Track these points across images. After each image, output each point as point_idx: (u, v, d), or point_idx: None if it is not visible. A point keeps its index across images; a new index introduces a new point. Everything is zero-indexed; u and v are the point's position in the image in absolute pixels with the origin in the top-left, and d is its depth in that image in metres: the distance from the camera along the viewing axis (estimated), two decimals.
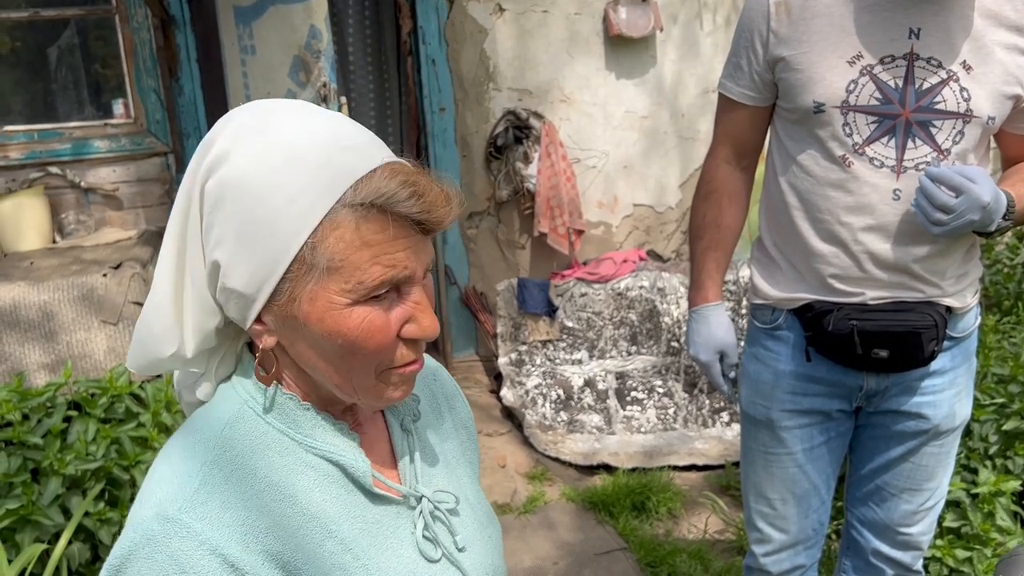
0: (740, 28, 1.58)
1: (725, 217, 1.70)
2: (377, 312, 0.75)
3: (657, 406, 3.68)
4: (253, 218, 0.73)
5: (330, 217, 0.73)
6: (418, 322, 0.77)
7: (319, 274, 0.74)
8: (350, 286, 0.74)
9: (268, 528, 0.75)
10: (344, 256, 0.73)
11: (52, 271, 3.01)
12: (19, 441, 2.34)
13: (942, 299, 1.55)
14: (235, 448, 0.78)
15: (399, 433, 0.90)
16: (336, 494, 0.81)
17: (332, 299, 0.74)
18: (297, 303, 0.75)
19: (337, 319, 0.75)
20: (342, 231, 0.73)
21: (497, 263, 4.11)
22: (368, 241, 0.73)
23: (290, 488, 0.79)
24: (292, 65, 3.18)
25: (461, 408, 1.04)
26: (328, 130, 0.75)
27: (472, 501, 0.96)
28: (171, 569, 0.70)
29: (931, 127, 1.46)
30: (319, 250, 0.73)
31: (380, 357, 0.77)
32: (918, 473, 1.68)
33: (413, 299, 0.77)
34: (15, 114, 3.66)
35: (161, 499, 0.74)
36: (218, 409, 0.82)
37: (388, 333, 0.76)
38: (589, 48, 3.98)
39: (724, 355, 1.73)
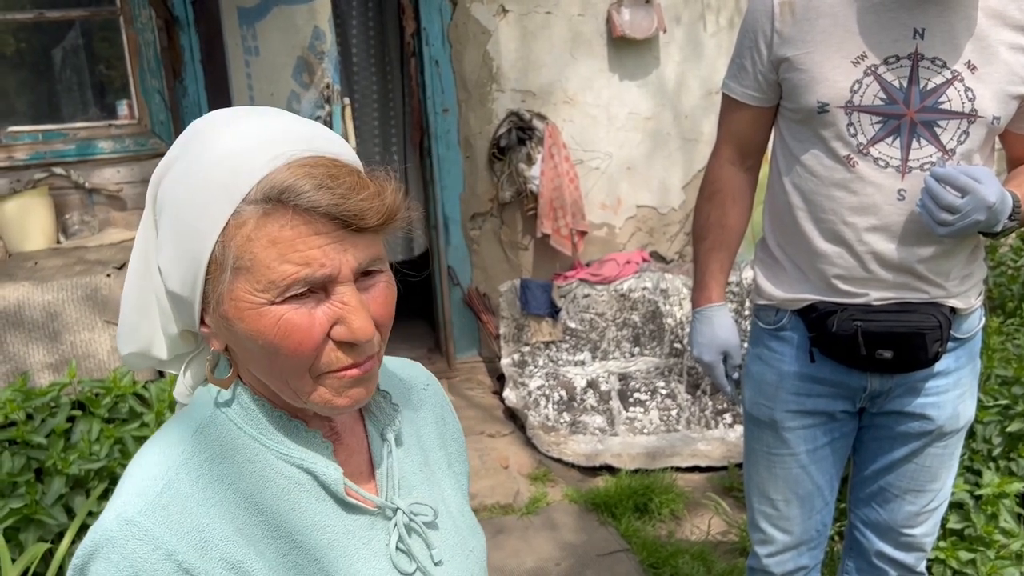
0: (744, 29, 1.58)
1: (729, 218, 1.70)
2: (297, 312, 0.73)
3: (660, 407, 3.68)
4: (180, 223, 0.74)
5: (236, 216, 0.72)
6: (347, 324, 0.74)
7: (231, 274, 0.73)
8: (262, 286, 0.72)
9: (229, 536, 0.74)
10: (251, 255, 0.72)
11: (56, 271, 3.02)
12: (23, 441, 2.35)
13: (946, 300, 1.55)
14: (204, 453, 0.78)
15: (378, 443, 0.89)
16: (305, 503, 0.80)
17: (248, 299, 0.73)
18: (223, 304, 0.74)
19: (254, 319, 0.73)
20: (246, 229, 0.71)
21: (500, 264, 4.12)
22: (275, 239, 0.71)
23: (257, 496, 0.78)
24: (296, 66, 3.18)
25: (450, 421, 1.02)
26: (254, 131, 0.74)
27: (455, 514, 0.94)
28: (125, 570, 0.70)
29: (936, 127, 1.46)
30: (228, 250, 0.72)
31: (303, 359, 0.74)
32: (922, 474, 1.68)
33: (341, 299, 0.74)
34: (20, 115, 3.67)
35: (124, 501, 0.73)
36: (193, 413, 0.81)
37: (309, 334, 0.73)
38: (592, 49, 3.98)
39: (727, 356, 1.73)
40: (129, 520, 0.72)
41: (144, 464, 0.77)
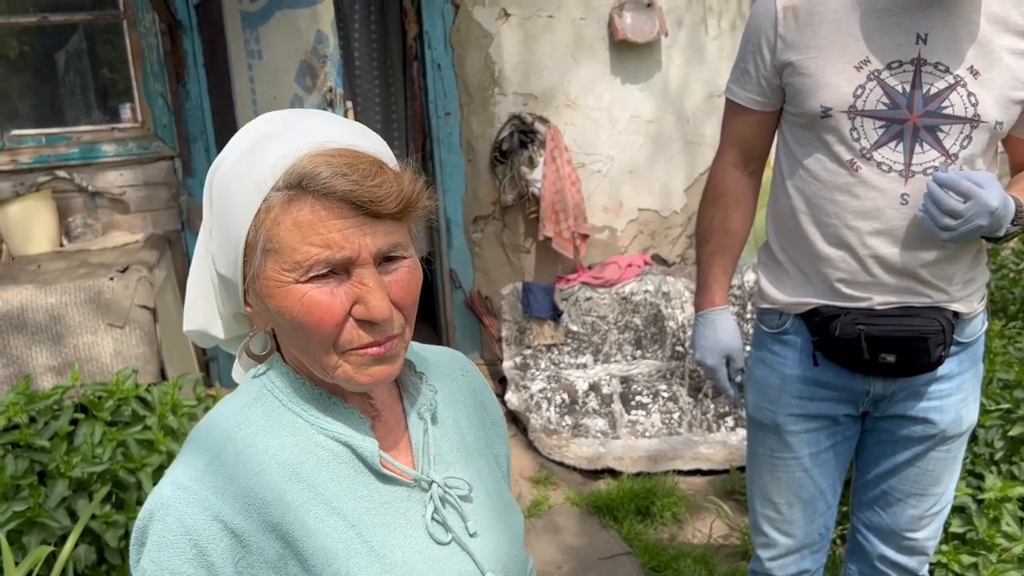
0: (747, 33, 1.59)
1: (732, 221, 1.70)
2: (320, 291, 0.79)
3: (662, 410, 3.68)
4: (223, 211, 0.83)
5: (266, 202, 0.79)
6: (365, 303, 0.80)
7: (261, 255, 0.80)
8: (288, 266, 0.79)
9: (271, 502, 0.81)
10: (278, 237, 0.79)
11: (59, 274, 3.02)
12: (26, 444, 2.35)
13: (949, 304, 1.55)
14: (251, 427, 0.85)
15: (415, 421, 0.94)
16: (344, 473, 0.86)
17: (277, 278, 0.80)
18: (258, 283, 0.82)
19: (282, 297, 0.80)
20: (274, 214, 0.79)
21: (502, 267, 4.12)
22: (298, 222, 0.78)
23: (299, 466, 0.84)
24: (299, 70, 3.19)
25: (491, 405, 1.08)
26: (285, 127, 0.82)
27: (491, 492, 0.98)
28: (178, 530, 0.78)
29: (939, 132, 1.46)
30: (259, 233, 0.80)
31: (325, 334, 0.80)
32: (924, 478, 1.68)
33: (360, 280, 0.80)
34: (23, 118, 3.68)
35: (180, 468, 0.82)
36: (242, 392, 0.89)
37: (330, 311, 0.79)
38: (594, 53, 3.98)
39: (730, 359, 1.73)
40: (181, 486, 0.80)
41: (198, 437, 0.85)
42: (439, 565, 0.88)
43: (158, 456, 2.41)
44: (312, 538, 0.82)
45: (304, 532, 0.81)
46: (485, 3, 3.85)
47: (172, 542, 0.78)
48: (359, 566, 0.83)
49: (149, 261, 3.18)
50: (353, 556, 0.83)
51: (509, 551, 0.96)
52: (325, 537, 0.82)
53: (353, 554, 0.83)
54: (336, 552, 0.82)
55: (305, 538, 0.81)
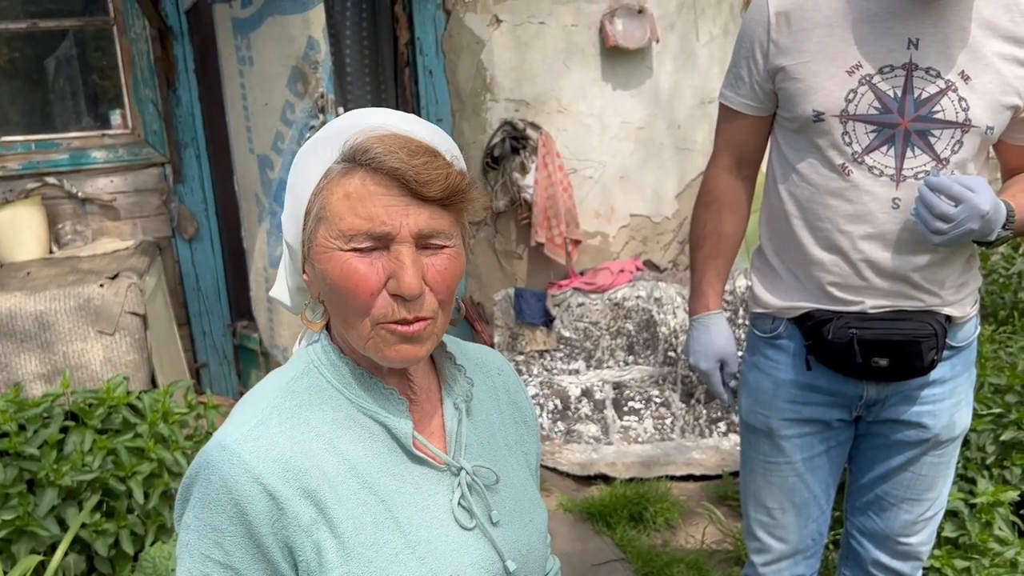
0: (740, 39, 1.59)
1: (726, 226, 1.71)
2: (360, 260, 0.85)
3: (654, 416, 3.68)
4: (292, 184, 0.91)
5: (326, 174, 0.87)
6: (398, 278, 0.85)
7: (315, 222, 0.87)
8: (334, 233, 0.85)
9: (307, 470, 0.86)
10: (331, 206, 0.86)
11: (49, 281, 3.00)
12: (15, 452, 2.33)
13: (942, 308, 1.55)
14: (296, 399, 0.90)
15: (451, 411, 0.99)
16: (378, 451, 0.91)
17: (324, 244, 0.87)
18: (312, 250, 0.88)
19: (326, 261, 0.87)
20: (332, 185, 0.86)
21: (494, 273, 4.12)
22: (349, 194, 0.85)
23: (336, 439, 0.89)
24: (290, 76, 3.18)
25: (524, 405, 1.12)
26: (361, 116, 0.90)
27: (516, 486, 1.02)
28: (221, 488, 0.84)
29: (930, 136, 1.47)
30: (316, 201, 0.88)
31: (360, 301, 0.86)
32: (918, 483, 1.69)
33: (397, 256, 0.85)
34: (13, 124, 3.66)
35: (226, 432, 0.87)
36: (290, 366, 0.95)
37: (366, 279, 0.85)
38: (585, 59, 3.99)
39: (724, 364, 1.73)
40: (226, 447, 0.85)
41: (247, 403, 0.91)
42: (461, 548, 0.92)
43: (149, 464, 2.40)
44: (343, 507, 0.86)
45: (336, 501, 0.86)
46: (477, 10, 3.85)
47: (215, 499, 0.84)
48: (384, 539, 0.88)
49: (139, 268, 3.16)
50: (380, 529, 0.88)
51: (530, 544, 1.00)
52: (356, 508, 0.87)
53: (381, 527, 0.88)
54: (365, 523, 0.87)
55: (337, 506, 0.86)
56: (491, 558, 0.94)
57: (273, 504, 0.83)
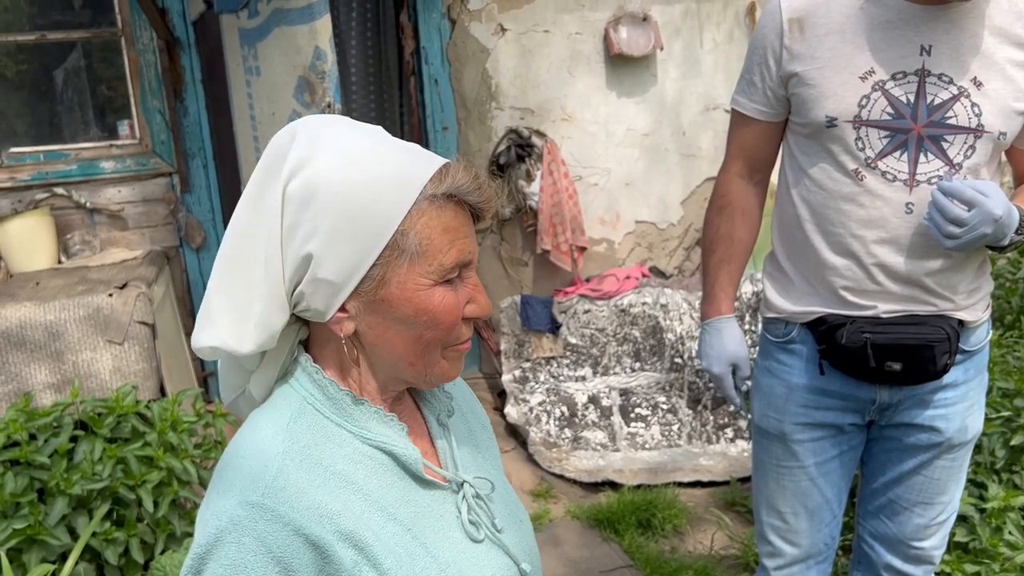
0: (753, 45, 1.60)
1: (738, 231, 1.71)
2: (451, 292, 0.86)
3: (661, 422, 3.67)
4: (346, 212, 0.81)
5: (416, 207, 0.83)
6: (477, 302, 0.89)
7: (409, 257, 0.83)
8: (432, 268, 0.84)
9: (339, 511, 0.82)
10: (430, 241, 0.83)
11: (58, 291, 3.01)
12: (26, 461, 2.33)
13: (955, 312, 1.56)
14: (301, 440, 0.85)
15: (437, 428, 0.99)
16: (391, 481, 0.89)
17: (419, 280, 0.84)
18: (386, 286, 0.84)
19: (424, 298, 0.84)
20: (427, 219, 0.83)
21: (500, 280, 4.12)
22: (447, 227, 0.84)
23: (352, 475, 0.86)
24: (297, 86, 3.20)
25: (479, 410, 1.12)
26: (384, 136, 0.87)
27: (501, 488, 1.03)
28: (259, 550, 0.77)
29: (943, 142, 1.48)
30: (409, 236, 0.83)
31: (451, 333, 0.87)
32: (931, 487, 1.69)
33: (472, 282, 0.89)
34: (22, 136, 3.68)
35: (242, 488, 0.80)
36: (280, 406, 0.88)
37: (459, 311, 0.87)
38: (590, 67, 4.01)
39: (736, 368, 1.74)
40: (255, 504, 0.78)
41: (248, 455, 0.83)
42: (480, 562, 0.92)
43: (158, 472, 2.40)
44: (380, 543, 0.84)
45: (373, 538, 0.83)
46: (482, 18, 3.87)
47: (251, 563, 0.76)
48: (421, 567, 0.86)
49: (148, 277, 3.17)
50: (415, 559, 0.86)
51: (527, 544, 1.01)
52: (390, 541, 0.85)
53: (415, 557, 0.86)
54: (401, 556, 0.85)
55: (375, 543, 0.83)
56: (507, 564, 0.95)
57: (317, 554, 0.79)
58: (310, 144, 0.83)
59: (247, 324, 0.85)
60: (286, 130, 0.86)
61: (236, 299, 0.85)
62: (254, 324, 0.84)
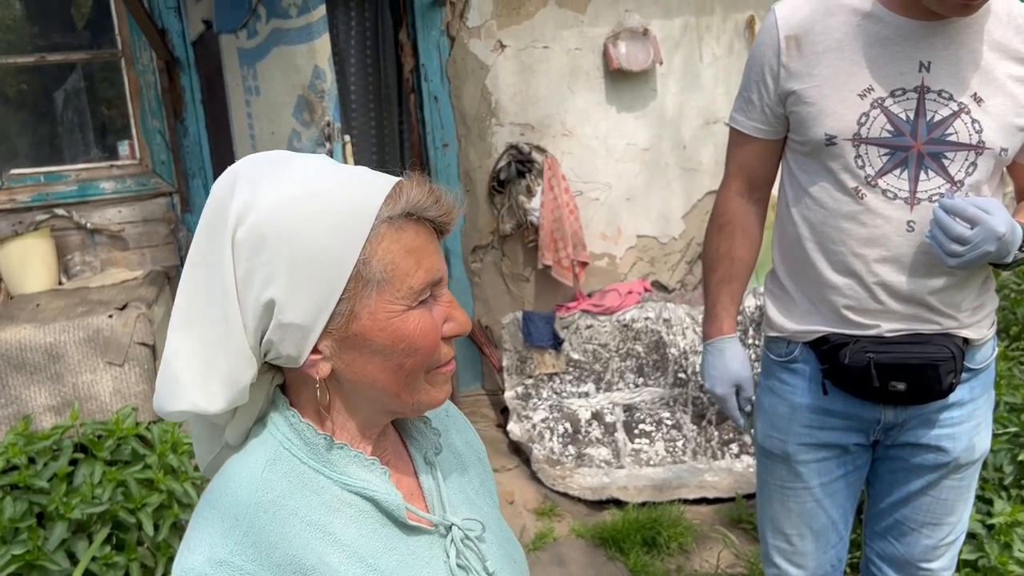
0: (750, 62, 1.59)
1: (739, 249, 1.70)
2: (426, 314, 0.82)
3: (666, 438, 3.65)
4: (301, 250, 0.77)
5: (374, 232, 0.79)
6: (455, 319, 0.85)
7: (375, 287, 0.79)
8: (402, 293, 0.80)
9: (315, 566, 0.78)
10: (395, 266, 0.80)
11: (58, 312, 3.00)
12: (25, 485, 2.32)
13: (959, 331, 1.54)
14: (276, 489, 0.81)
15: (423, 466, 0.94)
16: (372, 529, 0.84)
17: (389, 308, 0.80)
18: (357, 320, 0.80)
19: (398, 325, 0.80)
20: (387, 243, 0.79)
21: (502, 296, 4.11)
22: (409, 248, 0.80)
23: (329, 526, 0.81)
24: (296, 105, 3.20)
25: (474, 441, 1.08)
26: (328, 164, 0.82)
27: (494, 528, 0.98)
28: None
29: (943, 159, 1.46)
30: (372, 265, 0.79)
31: (431, 354, 0.83)
32: (938, 507, 1.66)
33: (446, 299, 0.85)
34: (22, 157, 3.68)
35: (211, 544, 0.76)
36: (255, 453, 0.84)
37: (437, 331, 0.83)
38: (590, 82, 4.01)
39: (740, 388, 1.72)
40: (223, 562, 0.74)
41: (219, 507, 0.79)
42: None
43: (158, 495, 2.39)
44: None
45: None
46: (481, 35, 3.87)
47: None
48: None
49: (148, 298, 3.16)
50: None
51: None
52: None
53: None
54: None
55: None
56: None
57: None
58: (252, 186, 0.79)
59: (214, 383, 0.80)
60: (226, 175, 0.82)
61: (198, 360, 0.80)
62: (221, 383, 0.80)
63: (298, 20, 3.06)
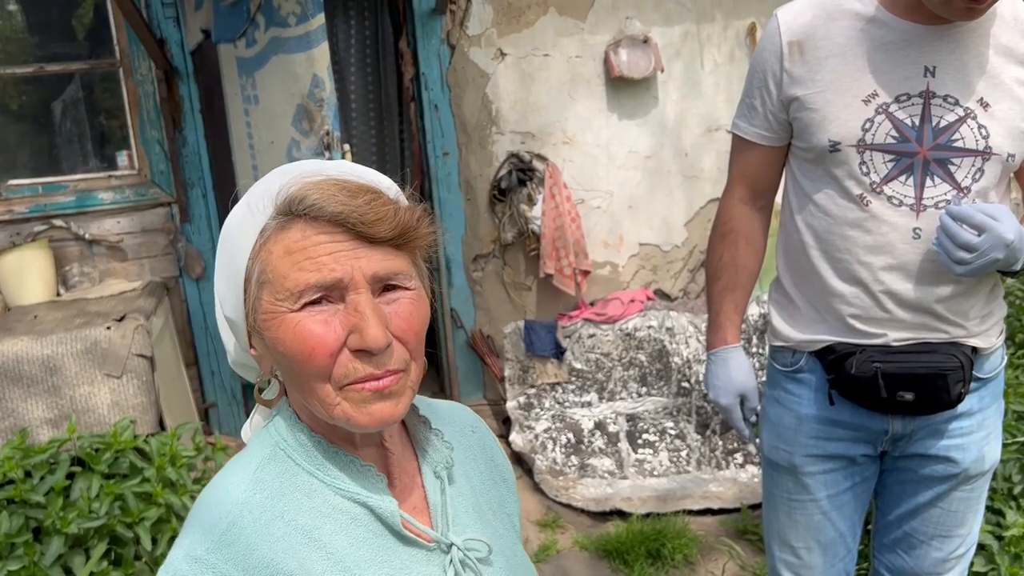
0: (753, 69, 1.57)
1: (742, 257, 1.67)
2: (314, 319, 0.76)
3: (669, 448, 3.62)
4: (222, 249, 0.82)
5: (262, 234, 0.78)
6: (360, 331, 0.75)
7: (258, 287, 0.78)
8: (281, 295, 0.76)
9: (293, 571, 0.76)
10: (273, 267, 0.77)
11: (56, 324, 2.98)
12: (21, 499, 2.29)
13: (967, 340, 1.51)
14: (265, 490, 0.80)
15: (432, 480, 0.90)
16: (363, 537, 0.82)
17: (271, 309, 0.77)
18: (260, 320, 0.79)
19: (276, 328, 0.77)
20: (270, 244, 0.78)
21: (503, 305, 4.08)
22: (290, 248, 0.76)
23: (317, 531, 0.80)
24: (295, 114, 3.18)
25: (501, 462, 1.03)
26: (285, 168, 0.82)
27: (508, 553, 0.93)
28: None
29: (950, 165, 1.44)
30: (255, 265, 0.78)
31: (319, 365, 0.76)
32: (948, 519, 1.63)
33: (355, 307, 0.76)
34: (20, 167, 3.67)
35: (192, 540, 0.76)
36: (253, 451, 0.84)
37: (323, 340, 0.76)
38: (591, 90, 3.99)
39: (745, 398, 1.69)
40: (198, 559, 0.74)
41: (209, 503, 0.80)
42: None
43: (156, 509, 2.36)
44: None
45: None
46: (481, 43, 3.86)
47: None
48: None
49: (146, 309, 3.14)
50: None
51: None
52: None
53: None
54: None
55: None
56: None
57: None
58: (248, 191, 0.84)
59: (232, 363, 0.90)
60: None
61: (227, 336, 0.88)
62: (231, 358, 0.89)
63: (297, 29, 3.05)
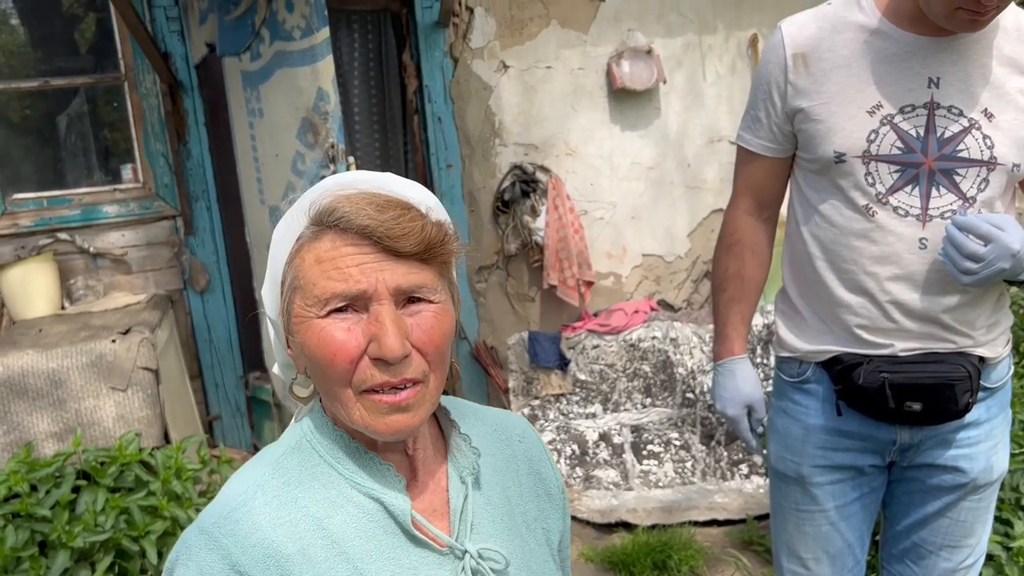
0: (757, 80, 1.57)
1: (748, 269, 1.67)
2: (338, 326, 0.80)
3: (674, 459, 3.61)
4: (270, 256, 0.87)
5: (297, 242, 0.83)
6: (378, 340, 0.78)
7: (291, 292, 0.83)
8: (310, 301, 0.81)
9: (291, 556, 0.79)
10: (304, 274, 0.81)
11: (61, 338, 2.99)
12: (27, 513, 2.29)
13: (974, 349, 1.51)
14: (284, 476, 0.84)
15: (457, 486, 0.90)
16: (372, 532, 0.83)
17: (301, 314, 0.82)
18: (292, 322, 0.83)
19: (304, 331, 0.81)
20: (304, 252, 0.82)
21: (507, 317, 4.09)
22: (320, 258, 0.80)
23: (326, 520, 0.82)
24: (300, 127, 3.19)
25: (549, 476, 1.01)
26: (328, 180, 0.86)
27: (534, 569, 0.92)
28: None
29: (955, 175, 1.44)
30: (289, 271, 0.83)
31: (339, 370, 0.80)
32: (956, 529, 1.63)
33: (376, 317, 0.79)
34: (25, 181, 3.68)
35: (207, 513, 0.82)
36: (283, 440, 0.89)
37: (344, 346, 0.79)
38: (593, 102, 4.01)
39: (752, 409, 1.69)
40: (204, 531, 0.80)
41: (234, 482, 0.85)
42: None
43: (162, 523, 2.36)
44: None
45: None
46: (484, 56, 3.88)
47: None
48: None
49: (151, 322, 3.14)
50: None
51: None
52: None
53: None
54: None
55: None
56: None
57: None
58: None
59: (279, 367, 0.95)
60: None
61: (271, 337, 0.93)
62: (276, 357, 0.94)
63: (301, 42, 3.07)
